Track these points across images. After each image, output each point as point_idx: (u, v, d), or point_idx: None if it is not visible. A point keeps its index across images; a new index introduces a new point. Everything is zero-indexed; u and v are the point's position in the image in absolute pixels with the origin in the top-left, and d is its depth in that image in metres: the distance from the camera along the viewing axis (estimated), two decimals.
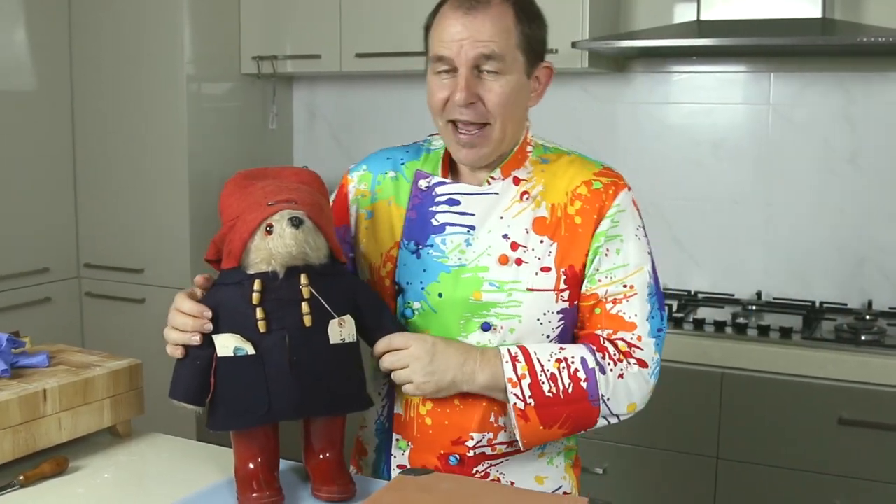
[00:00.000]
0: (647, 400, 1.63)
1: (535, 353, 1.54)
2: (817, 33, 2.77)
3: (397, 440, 1.63)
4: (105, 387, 1.69)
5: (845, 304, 3.10)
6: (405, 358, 1.51)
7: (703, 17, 2.99)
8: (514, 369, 1.52)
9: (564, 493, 1.68)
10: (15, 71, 3.39)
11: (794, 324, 2.83)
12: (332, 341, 1.42)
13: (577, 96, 3.45)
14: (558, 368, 1.53)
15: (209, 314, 1.42)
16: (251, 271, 1.40)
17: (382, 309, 1.56)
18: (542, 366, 1.53)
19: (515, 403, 1.52)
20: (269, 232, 1.38)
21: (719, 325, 2.83)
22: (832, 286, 3.17)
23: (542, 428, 1.53)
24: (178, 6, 3.39)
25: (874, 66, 3.04)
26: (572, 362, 1.54)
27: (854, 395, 2.60)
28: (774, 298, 3.20)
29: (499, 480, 1.61)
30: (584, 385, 1.53)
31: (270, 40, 3.59)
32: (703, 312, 3.03)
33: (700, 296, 3.26)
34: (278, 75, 3.67)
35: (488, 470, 1.61)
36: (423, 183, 1.63)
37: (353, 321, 1.46)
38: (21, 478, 1.52)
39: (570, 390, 1.53)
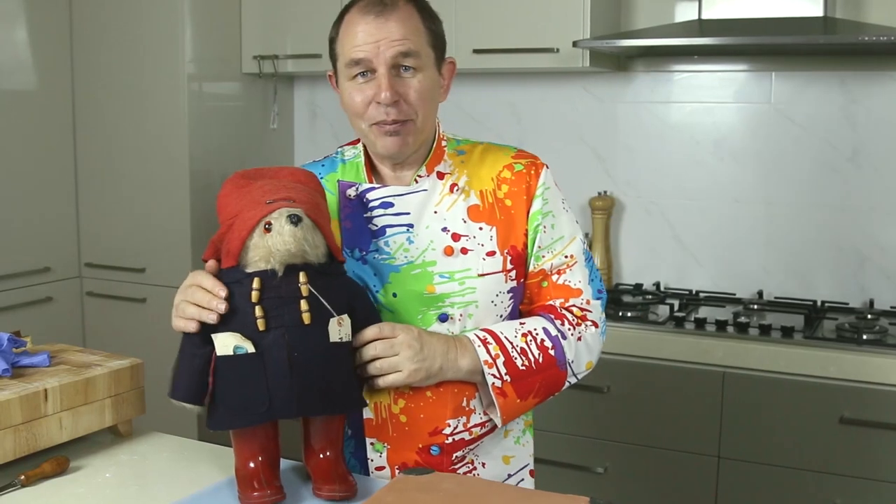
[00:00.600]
0: (599, 356, 1.74)
1: (502, 333, 1.62)
2: (819, 32, 2.77)
3: (372, 444, 1.64)
4: (106, 386, 1.69)
5: (847, 304, 3.10)
6: (396, 346, 1.52)
7: (704, 16, 2.98)
8: (488, 351, 1.59)
9: (531, 471, 1.78)
10: (16, 70, 3.39)
11: (796, 323, 2.83)
12: (331, 340, 1.42)
13: (578, 95, 3.45)
14: (526, 342, 1.62)
15: (225, 293, 1.41)
16: (250, 270, 1.40)
17: (375, 313, 1.57)
18: (511, 343, 1.61)
19: (493, 383, 1.58)
20: (268, 230, 1.38)
21: (720, 325, 2.82)
22: (833, 285, 3.17)
23: (518, 401, 1.61)
24: (179, 6, 3.39)
25: (875, 65, 3.04)
26: (537, 334, 1.64)
27: (855, 395, 2.60)
28: (776, 297, 3.20)
29: (472, 463, 1.67)
30: (551, 353, 1.63)
31: (271, 39, 3.59)
32: (704, 312, 3.03)
33: (701, 295, 3.26)
34: (279, 74, 3.67)
35: (466, 454, 1.66)
36: (350, 192, 1.66)
37: (349, 321, 1.46)
38: (22, 477, 1.52)
39: (540, 360, 1.62)
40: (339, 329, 1.43)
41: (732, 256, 3.30)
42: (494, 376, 1.58)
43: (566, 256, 1.69)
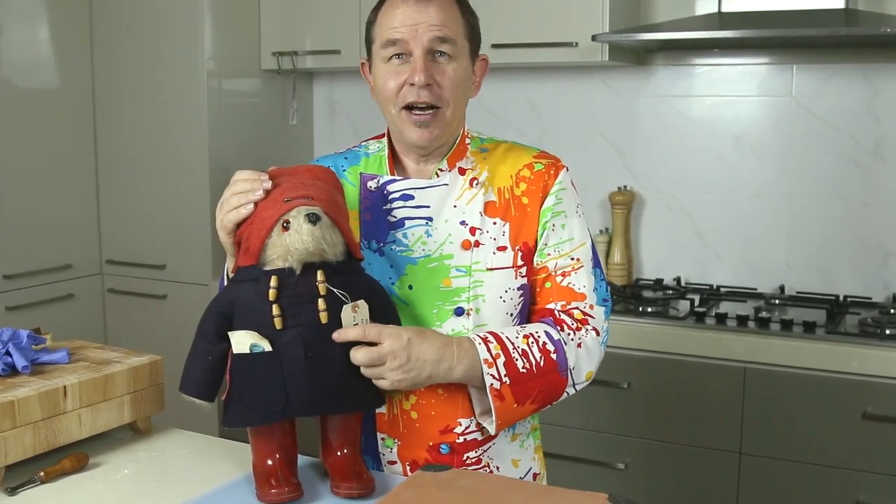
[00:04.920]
0: (598, 367, 1.68)
1: (503, 333, 1.59)
2: (840, 24, 2.74)
3: (383, 439, 1.65)
4: (125, 383, 1.70)
5: (869, 298, 3.07)
6: (384, 355, 1.45)
7: (724, 9, 2.96)
8: (488, 349, 1.55)
9: (535, 474, 1.76)
10: (37, 68, 3.41)
11: (818, 318, 2.80)
12: (344, 325, 1.42)
13: (598, 90, 3.43)
14: (527, 344, 1.58)
15: (266, 176, 1.45)
16: (268, 268, 1.40)
17: (393, 310, 1.55)
18: (512, 343, 1.57)
19: (492, 384, 1.54)
20: (286, 228, 1.38)
21: (742, 320, 2.81)
22: (856, 280, 3.14)
23: (515, 405, 1.57)
24: (199, 3, 3.39)
25: None
26: (539, 336, 1.60)
27: (879, 390, 2.57)
28: (797, 292, 3.18)
29: (488, 466, 1.66)
30: (553, 357, 1.59)
31: (290, 36, 3.59)
32: (725, 307, 3.01)
33: (722, 290, 3.24)
34: (298, 71, 3.67)
35: (480, 456, 1.65)
36: (371, 184, 1.67)
37: (367, 306, 1.45)
38: (41, 474, 1.53)
39: (541, 363, 1.58)
40: (353, 316, 1.42)
41: (753, 251, 3.28)
42: (493, 377, 1.54)
43: (572, 259, 1.67)
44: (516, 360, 1.56)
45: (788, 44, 3.10)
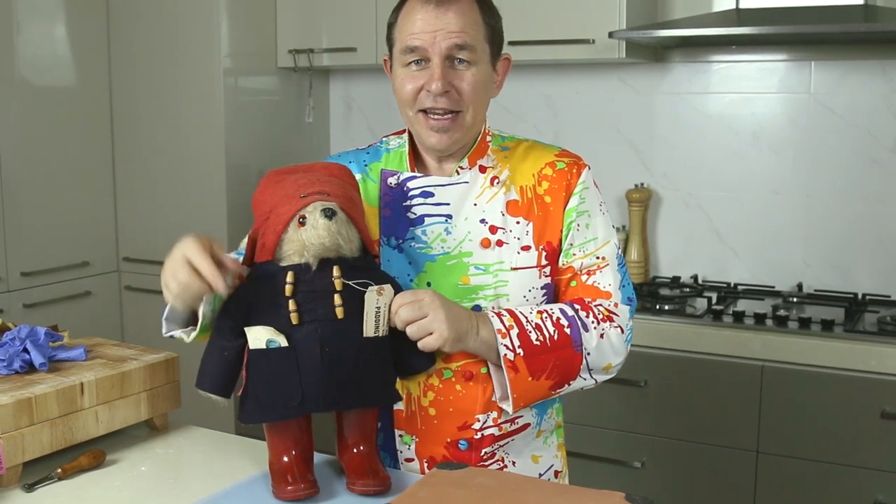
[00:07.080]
0: (621, 365, 1.68)
1: (518, 308, 1.60)
2: (859, 20, 2.73)
3: (400, 436, 1.65)
4: (141, 380, 1.70)
5: (888, 296, 3.05)
6: (424, 307, 1.48)
7: (742, 5, 2.95)
8: (502, 322, 1.56)
9: (556, 471, 1.76)
10: (55, 67, 3.42)
11: (836, 316, 2.79)
12: (366, 310, 1.42)
13: (615, 87, 3.42)
14: (541, 318, 1.58)
15: (222, 283, 1.39)
16: (284, 264, 1.41)
17: None
18: (526, 317, 1.58)
19: (506, 354, 1.54)
20: (303, 223, 1.38)
21: (759, 318, 2.79)
22: (875, 278, 3.12)
23: (530, 378, 1.56)
24: (215, 1, 3.40)
25: None
26: (552, 312, 1.60)
27: None
28: (816, 290, 3.16)
29: (503, 461, 1.66)
30: (567, 331, 1.59)
31: (306, 33, 3.59)
32: (742, 304, 3.00)
33: (740, 288, 3.22)
34: (315, 68, 3.67)
35: (495, 451, 1.65)
36: (392, 180, 1.67)
37: (392, 290, 1.45)
38: (59, 471, 1.53)
39: (555, 337, 1.58)
40: (377, 299, 1.42)
41: (771, 249, 3.26)
42: (507, 347, 1.54)
43: (598, 258, 1.67)
44: (530, 332, 1.56)
45: (807, 40, 3.08)
